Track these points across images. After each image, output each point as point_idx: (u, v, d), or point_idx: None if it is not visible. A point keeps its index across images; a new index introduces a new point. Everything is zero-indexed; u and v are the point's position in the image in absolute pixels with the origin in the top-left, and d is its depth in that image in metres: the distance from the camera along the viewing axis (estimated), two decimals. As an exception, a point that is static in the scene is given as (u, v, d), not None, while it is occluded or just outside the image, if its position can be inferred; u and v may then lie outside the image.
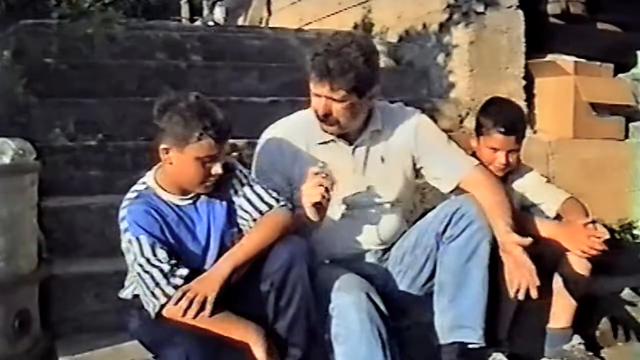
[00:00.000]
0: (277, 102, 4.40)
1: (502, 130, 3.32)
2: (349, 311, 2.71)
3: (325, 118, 2.91)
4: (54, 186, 3.62)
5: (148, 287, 2.62)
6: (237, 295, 2.64)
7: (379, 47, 3.38)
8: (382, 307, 2.77)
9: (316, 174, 2.75)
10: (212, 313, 2.56)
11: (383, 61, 4.31)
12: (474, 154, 3.30)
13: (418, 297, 3.06)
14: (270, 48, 5.25)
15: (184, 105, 2.62)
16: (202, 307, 2.56)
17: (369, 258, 3.10)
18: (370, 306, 2.74)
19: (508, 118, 3.37)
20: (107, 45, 4.63)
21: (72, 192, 3.72)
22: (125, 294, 2.82)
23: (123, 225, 2.66)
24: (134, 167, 3.73)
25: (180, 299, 2.57)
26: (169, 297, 2.60)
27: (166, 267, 2.61)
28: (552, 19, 4.97)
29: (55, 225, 3.42)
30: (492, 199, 2.93)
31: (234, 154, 3.72)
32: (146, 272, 2.62)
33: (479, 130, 3.41)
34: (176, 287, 2.60)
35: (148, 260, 2.61)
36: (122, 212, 2.69)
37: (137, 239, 2.62)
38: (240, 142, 3.85)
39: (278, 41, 5.38)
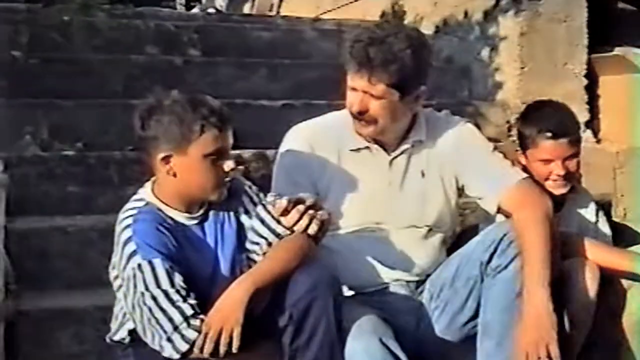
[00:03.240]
0: (290, 106, 4.42)
1: (549, 134, 3.30)
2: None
3: (360, 116, 2.95)
4: (23, 204, 3.64)
5: (165, 330, 2.57)
6: (249, 330, 2.61)
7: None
8: (400, 354, 2.77)
9: (288, 205, 2.74)
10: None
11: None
12: (526, 172, 3.25)
13: (459, 338, 3.05)
14: (282, 41, 5.28)
15: (171, 103, 2.66)
16: (229, 345, 2.54)
17: (400, 290, 3.10)
18: (385, 353, 2.74)
19: (553, 119, 3.35)
20: (87, 36, 4.66)
21: (45, 212, 3.74)
22: (120, 336, 2.77)
23: (129, 249, 2.61)
24: (120, 182, 3.75)
25: (203, 339, 2.55)
26: (189, 343, 2.57)
27: (187, 308, 2.58)
28: (620, 5, 4.96)
29: (24, 250, 3.44)
30: (531, 230, 2.89)
31: (240, 167, 3.73)
32: (162, 309, 2.58)
33: (524, 143, 3.38)
34: (198, 331, 2.57)
35: (166, 294, 2.57)
36: (126, 233, 2.64)
37: (150, 263, 2.58)
38: (246, 153, 3.86)
39: (291, 33, 5.41)
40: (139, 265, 2.58)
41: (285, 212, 2.73)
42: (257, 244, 2.80)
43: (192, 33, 5.09)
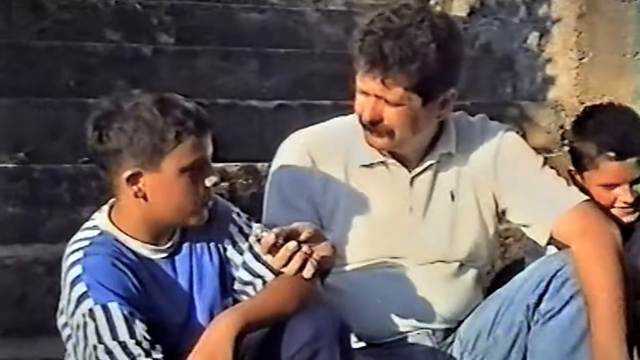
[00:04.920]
0: (286, 107, 4.43)
1: (614, 154, 3.27)
2: None
3: (373, 126, 2.95)
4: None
5: None
6: None
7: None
8: None
9: (277, 242, 2.70)
10: None
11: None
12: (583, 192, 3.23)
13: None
14: (277, 25, 5.29)
15: (133, 106, 2.64)
16: None
17: (423, 341, 3.11)
18: None
19: (617, 132, 3.29)
20: (31, 18, 4.67)
21: (-23, 240, 3.76)
22: None
23: (78, 290, 2.59)
24: (72, 203, 3.76)
25: None
26: None
27: None
28: None
29: (-48, 289, 3.46)
30: (599, 266, 2.90)
31: (223, 184, 3.73)
32: None
33: (580, 163, 3.35)
34: None
35: (124, 347, 2.54)
36: (74, 271, 2.62)
37: (104, 308, 2.56)
38: (232, 167, 3.87)
39: (288, 15, 5.41)
40: (91, 311, 2.56)
41: (274, 248, 2.70)
42: (250, 284, 2.81)
43: (163, 14, 5.09)
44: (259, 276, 2.79)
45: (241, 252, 2.83)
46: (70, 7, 4.91)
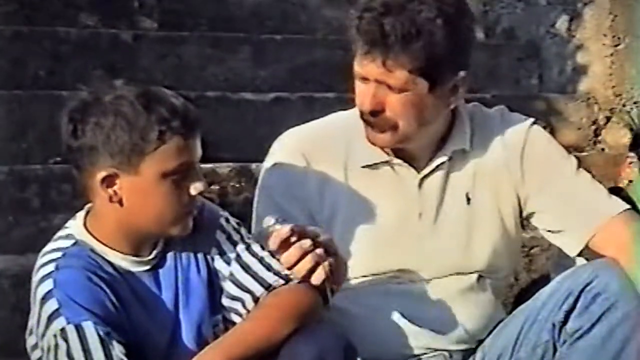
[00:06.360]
0: (283, 100, 4.43)
1: None
2: None
3: (373, 117, 2.94)
4: None
5: None
6: None
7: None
8: None
9: (290, 237, 2.67)
10: None
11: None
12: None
13: None
14: (273, 8, 5.29)
15: (114, 99, 2.65)
16: None
17: (440, 364, 3.15)
18: None
19: None
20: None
21: None
22: None
23: (49, 308, 2.60)
24: (42, 209, 3.76)
25: None
26: None
27: None
28: None
29: None
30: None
31: (213, 187, 3.74)
32: None
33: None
34: None
35: None
36: (45, 286, 2.63)
37: (78, 327, 2.57)
38: (222, 168, 3.88)
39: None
40: (62, 331, 2.57)
41: (285, 245, 2.67)
42: (239, 299, 2.81)
43: (146, -5, 5.12)
44: (248, 291, 2.79)
45: (229, 262, 2.83)
46: (39, -12, 4.94)
